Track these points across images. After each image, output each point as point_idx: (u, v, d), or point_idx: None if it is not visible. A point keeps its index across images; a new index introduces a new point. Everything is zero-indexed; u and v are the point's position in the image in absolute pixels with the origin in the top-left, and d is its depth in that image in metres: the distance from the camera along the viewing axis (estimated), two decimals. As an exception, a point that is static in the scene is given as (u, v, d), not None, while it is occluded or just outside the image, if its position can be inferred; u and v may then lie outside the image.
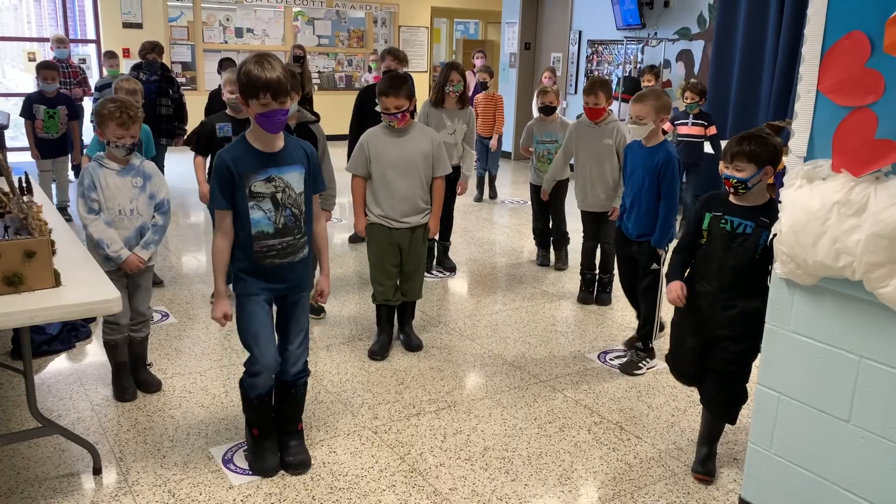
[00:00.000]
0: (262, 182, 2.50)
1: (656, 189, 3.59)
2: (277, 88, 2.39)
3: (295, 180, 2.56)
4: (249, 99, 2.42)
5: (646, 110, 3.54)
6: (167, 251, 5.71)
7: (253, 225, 2.51)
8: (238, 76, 2.45)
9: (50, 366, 3.67)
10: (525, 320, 4.50)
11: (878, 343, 1.96)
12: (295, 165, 2.57)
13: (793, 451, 2.22)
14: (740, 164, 2.54)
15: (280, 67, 2.43)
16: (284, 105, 2.44)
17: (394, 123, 3.60)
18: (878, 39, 1.87)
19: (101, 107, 3.08)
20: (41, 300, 2.28)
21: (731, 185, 2.57)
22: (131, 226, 3.16)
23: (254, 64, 2.40)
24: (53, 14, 12.16)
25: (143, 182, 3.17)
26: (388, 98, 3.55)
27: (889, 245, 1.82)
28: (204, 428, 3.10)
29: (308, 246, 2.66)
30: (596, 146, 4.53)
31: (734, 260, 2.59)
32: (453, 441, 3.06)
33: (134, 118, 3.06)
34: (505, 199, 8.26)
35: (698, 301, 2.73)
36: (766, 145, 2.53)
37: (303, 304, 2.73)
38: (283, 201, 2.53)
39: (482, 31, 16.13)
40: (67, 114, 6.39)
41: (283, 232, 2.56)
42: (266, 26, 12.10)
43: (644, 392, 3.55)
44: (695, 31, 8.39)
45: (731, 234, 2.60)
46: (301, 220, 2.60)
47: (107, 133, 3.05)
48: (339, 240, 6.33)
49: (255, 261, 2.55)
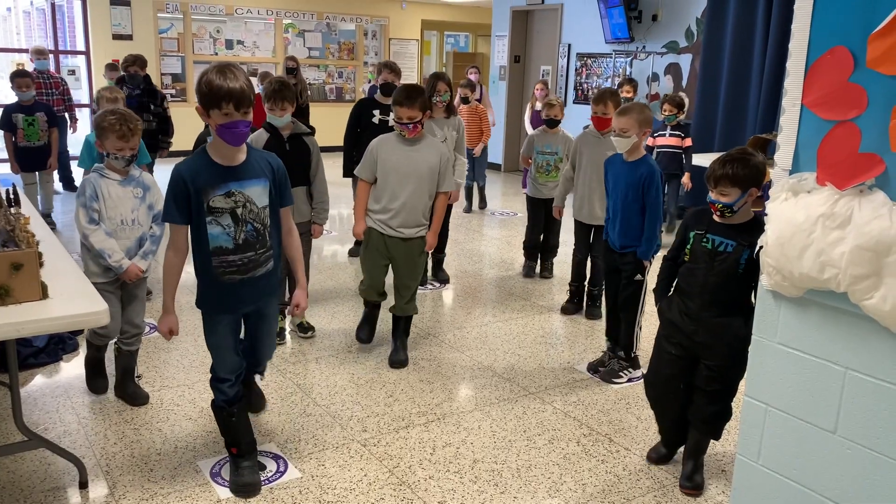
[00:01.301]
0: (222, 197, 2.43)
1: (640, 202, 3.62)
2: (240, 98, 2.32)
3: (257, 194, 2.49)
4: (210, 109, 2.34)
5: (630, 123, 3.57)
6: (156, 263, 5.67)
7: (211, 240, 2.45)
8: (198, 86, 2.36)
9: (37, 378, 3.65)
10: (515, 332, 4.50)
11: (864, 354, 1.98)
12: (257, 179, 2.49)
13: (780, 462, 2.23)
14: (725, 188, 2.54)
15: (243, 77, 2.36)
16: (247, 116, 2.37)
17: (405, 133, 3.63)
18: (860, 55, 1.89)
19: (101, 119, 3.10)
20: (28, 313, 2.26)
21: (717, 210, 2.58)
22: (133, 235, 3.19)
23: (215, 73, 2.31)
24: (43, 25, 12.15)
25: (143, 192, 3.22)
26: (403, 108, 3.57)
27: (873, 257, 1.83)
28: (192, 441, 3.08)
29: (274, 260, 2.61)
30: (600, 157, 4.51)
31: (715, 278, 2.61)
32: (442, 454, 3.05)
33: (134, 130, 3.09)
34: (495, 211, 8.29)
35: (681, 318, 2.75)
36: (749, 167, 2.52)
37: (271, 311, 2.74)
38: (243, 216, 2.46)
39: (472, 43, 16.21)
40: (47, 120, 6.36)
41: (244, 247, 2.49)
42: (256, 38, 12.12)
43: (633, 404, 3.55)
44: (683, 45, 8.47)
45: (713, 252, 2.62)
46: (265, 235, 2.54)
47: (107, 145, 3.08)
48: (330, 251, 6.32)
49: (215, 276, 2.51)
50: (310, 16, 12.37)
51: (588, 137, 4.64)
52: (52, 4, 10.73)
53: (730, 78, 7.70)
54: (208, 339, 2.64)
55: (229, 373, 2.66)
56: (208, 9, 11.43)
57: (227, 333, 2.63)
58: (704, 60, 7.95)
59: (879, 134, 1.86)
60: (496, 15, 11.14)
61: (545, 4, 10.25)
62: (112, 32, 10.66)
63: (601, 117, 4.49)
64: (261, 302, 2.65)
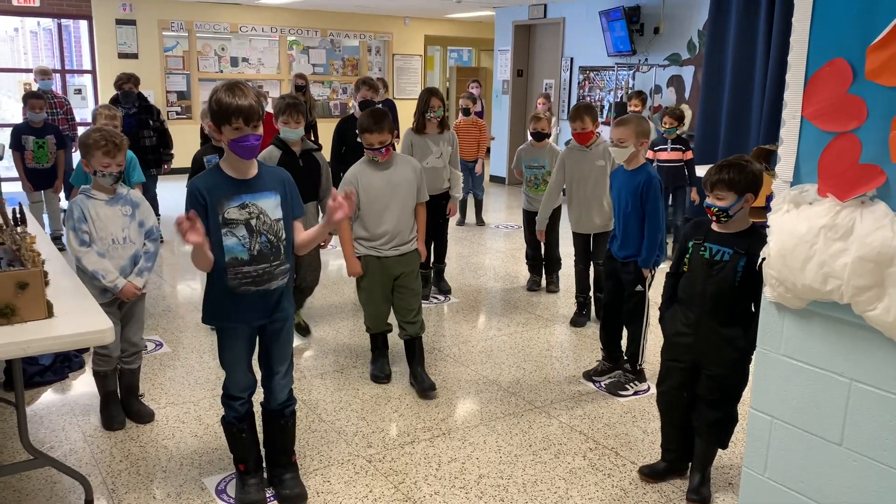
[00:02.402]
0: (236, 208, 2.49)
1: (640, 210, 3.63)
2: (249, 113, 2.39)
3: (270, 207, 2.54)
4: (222, 125, 2.41)
5: (627, 133, 3.61)
6: (161, 280, 5.71)
7: (226, 252, 2.49)
8: (209, 104, 2.44)
9: (42, 397, 3.65)
10: (519, 345, 4.50)
11: (868, 366, 1.97)
12: (270, 192, 2.55)
13: (787, 475, 2.22)
14: (720, 192, 2.58)
15: (252, 95, 2.43)
16: (257, 130, 2.44)
17: (377, 158, 3.60)
18: (859, 66, 1.90)
19: (86, 137, 3.12)
20: (33, 331, 2.27)
21: (713, 214, 2.63)
22: (125, 254, 3.17)
23: (224, 91, 2.40)
24: (50, 45, 12.26)
25: (132, 210, 3.19)
26: (372, 135, 3.55)
27: (875, 268, 1.83)
28: (197, 458, 3.08)
29: (288, 276, 2.64)
30: (588, 169, 4.59)
31: (714, 287, 2.62)
32: (448, 469, 3.04)
33: (119, 146, 3.10)
34: (499, 224, 8.29)
35: (682, 328, 2.77)
36: (745, 173, 2.57)
37: (285, 335, 2.71)
38: (257, 227, 2.51)
39: (475, 58, 16.29)
40: (56, 143, 6.43)
41: (259, 259, 2.53)
42: (261, 55, 12.20)
43: (639, 417, 3.54)
44: (685, 57, 8.49)
45: (710, 262, 2.64)
46: (280, 248, 2.57)
47: (92, 163, 3.08)
48: (335, 266, 6.34)
49: (231, 288, 2.52)
50: (314, 32, 12.45)
51: (573, 152, 4.69)
52: (58, 25, 10.83)
53: (732, 89, 7.71)
54: (222, 355, 2.65)
55: (241, 391, 2.68)
56: (213, 27, 11.52)
57: (242, 350, 2.64)
58: (706, 72, 7.97)
59: (880, 145, 1.86)
60: (499, 30, 11.20)
61: (547, 19, 10.30)
62: (118, 51, 10.75)
63: (581, 133, 4.55)
64: (274, 316, 2.65)
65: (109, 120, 4.65)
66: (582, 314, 4.90)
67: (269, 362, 2.71)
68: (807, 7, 2.03)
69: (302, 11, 12.10)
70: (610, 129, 3.76)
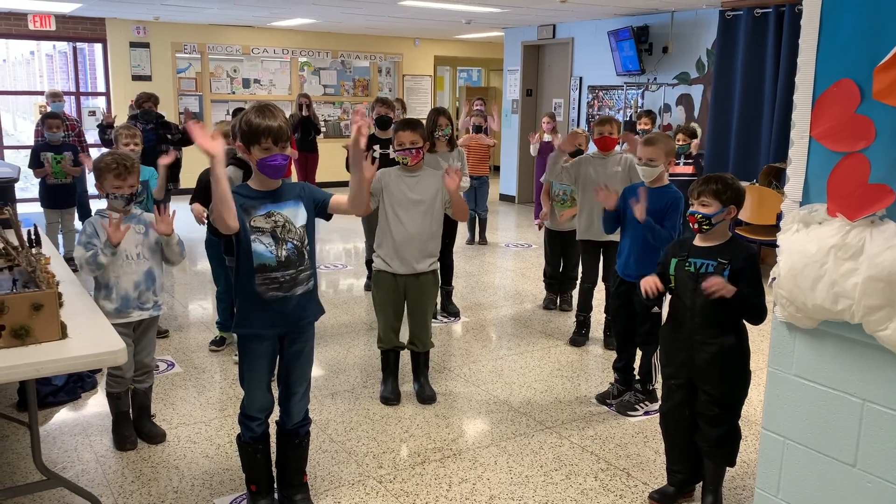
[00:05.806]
0: (262, 217, 2.57)
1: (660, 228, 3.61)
2: (278, 134, 2.49)
3: (294, 214, 2.62)
4: (251, 146, 2.50)
5: (657, 153, 3.63)
6: (172, 299, 5.74)
7: (255, 257, 2.56)
8: (239, 125, 2.53)
9: (55, 417, 3.67)
10: (530, 365, 4.49)
11: (881, 386, 1.96)
12: (293, 201, 2.63)
13: (800, 496, 2.20)
14: (706, 199, 2.70)
15: (281, 116, 2.53)
16: (285, 150, 2.52)
17: (407, 160, 3.63)
18: (866, 87, 1.91)
19: (98, 161, 3.22)
20: (47, 352, 2.29)
21: (696, 221, 2.71)
22: (139, 269, 3.21)
23: (254, 113, 2.50)
24: (65, 68, 12.44)
25: (146, 229, 3.25)
26: (405, 133, 3.63)
27: (886, 288, 1.83)
28: (208, 479, 3.09)
29: (314, 280, 2.70)
30: (603, 175, 4.51)
31: (702, 299, 2.66)
32: (459, 490, 3.03)
33: (130, 169, 3.18)
34: (509, 243, 8.30)
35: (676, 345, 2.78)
36: (731, 186, 2.71)
37: (306, 356, 2.75)
38: (282, 235, 2.58)
39: (485, 78, 16.38)
40: (73, 160, 6.54)
41: (286, 264, 2.59)
42: (273, 77, 12.32)
43: (650, 437, 3.52)
44: (694, 76, 8.51)
45: (695, 275, 2.70)
46: (305, 254, 2.64)
47: (105, 185, 3.17)
48: (346, 285, 6.35)
49: (258, 294, 2.58)
50: (325, 54, 12.57)
51: (587, 159, 4.67)
52: (73, 48, 11.00)
53: (742, 108, 7.72)
54: (243, 373, 2.68)
55: (259, 412, 2.70)
56: (225, 49, 11.65)
57: (263, 370, 2.67)
58: (716, 91, 7.99)
59: (888, 165, 1.87)
60: (508, 50, 11.27)
61: (556, 39, 10.36)
62: (132, 73, 10.89)
63: (608, 137, 4.54)
64: (301, 324, 2.69)
65: (130, 139, 4.74)
66: (581, 333, 4.88)
67: (288, 382, 2.74)
68: (814, 28, 2.04)
69: (313, 33, 12.23)
70: (638, 149, 3.75)
